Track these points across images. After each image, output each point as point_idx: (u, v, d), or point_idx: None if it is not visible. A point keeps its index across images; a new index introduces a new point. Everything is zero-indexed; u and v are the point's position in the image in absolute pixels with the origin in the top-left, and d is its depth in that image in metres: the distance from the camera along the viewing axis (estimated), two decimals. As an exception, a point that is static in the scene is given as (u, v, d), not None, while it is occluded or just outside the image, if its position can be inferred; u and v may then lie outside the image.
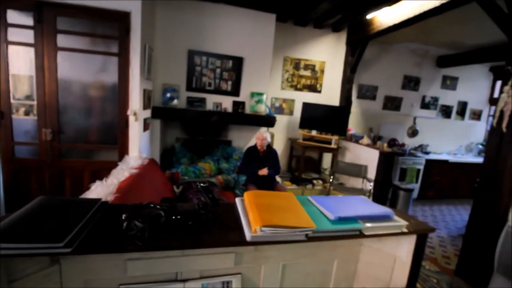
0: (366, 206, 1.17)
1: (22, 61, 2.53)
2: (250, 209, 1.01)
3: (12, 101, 2.55)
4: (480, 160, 5.18)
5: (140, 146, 2.86)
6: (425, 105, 5.36)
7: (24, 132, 2.65)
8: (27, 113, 2.62)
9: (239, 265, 1.03)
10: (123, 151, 2.80)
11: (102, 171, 2.75)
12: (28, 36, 2.48)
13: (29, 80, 2.56)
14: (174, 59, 3.58)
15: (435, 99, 5.39)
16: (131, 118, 2.74)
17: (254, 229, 0.89)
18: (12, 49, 2.49)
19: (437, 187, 4.96)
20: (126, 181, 1.97)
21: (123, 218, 0.88)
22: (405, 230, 1.09)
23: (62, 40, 2.55)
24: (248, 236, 0.90)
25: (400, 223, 1.09)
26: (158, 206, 0.96)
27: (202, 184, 0.98)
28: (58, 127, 2.67)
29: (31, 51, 2.51)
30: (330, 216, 1.04)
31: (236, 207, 1.12)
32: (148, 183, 2.25)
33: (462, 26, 3.77)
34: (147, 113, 3.22)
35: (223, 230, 0.94)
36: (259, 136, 3.16)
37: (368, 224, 1.03)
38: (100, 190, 1.72)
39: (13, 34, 2.47)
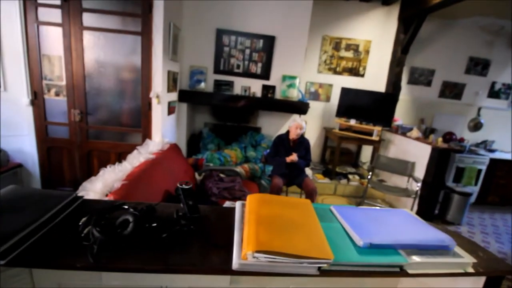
0: (412, 228, 0.84)
1: (52, 41, 2.55)
2: (248, 222, 0.77)
3: (44, 81, 2.61)
4: None
5: (163, 130, 2.77)
6: (493, 94, 4.47)
7: (56, 112, 2.71)
8: (57, 94, 2.66)
9: (237, 284, 0.81)
10: (146, 135, 2.74)
11: (127, 154, 2.74)
12: (57, 15, 2.47)
13: (59, 60, 2.58)
14: (202, 40, 3.39)
15: (508, 87, 4.46)
16: (154, 101, 2.64)
17: (244, 254, 0.65)
18: (42, 29, 2.51)
19: (502, 191, 4.16)
20: (139, 167, 1.86)
21: (81, 223, 0.71)
22: (470, 270, 0.76)
23: (87, 19, 2.50)
24: (235, 262, 0.66)
25: (464, 259, 0.76)
26: (131, 210, 0.77)
27: (184, 186, 0.75)
28: (86, 108, 2.68)
29: (60, 31, 2.51)
30: (358, 241, 0.75)
31: (235, 214, 0.89)
32: (164, 170, 2.13)
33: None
34: (173, 96, 3.11)
35: (207, 248, 0.71)
36: (296, 125, 2.86)
37: (415, 258, 0.72)
38: (108, 176, 1.62)
39: (43, 14, 2.48)
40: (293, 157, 2.83)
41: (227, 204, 2.42)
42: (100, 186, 1.52)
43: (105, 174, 1.63)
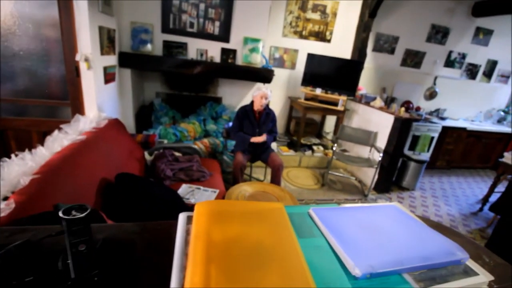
0: (412, 236, 0.65)
1: None
2: (192, 256, 0.50)
3: None
4: (499, 128, 4.64)
5: (99, 102, 2.27)
6: (449, 63, 4.59)
7: None
8: None
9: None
10: (77, 108, 2.22)
11: (54, 133, 2.23)
12: None
13: None
14: (145, -11, 2.76)
15: (463, 56, 4.60)
16: (83, 66, 2.09)
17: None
18: None
19: (448, 156, 4.50)
20: (61, 153, 1.44)
21: None
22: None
23: None
24: None
25: (480, 277, 0.59)
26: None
27: (73, 214, 0.43)
28: (-12, 75, 2.04)
29: None
30: (353, 270, 0.53)
31: (175, 234, 0.60)
32: (100, 152, 1.73)
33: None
34: (111, 60, 2.55)
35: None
36: (261, 94, 2.56)
37: (428, 290, 0.53)
38: (12, 169, 1.19)
39: None
40: (261, 138, 2.60)
41: (183, 187, 2.13)
42: (-4, 184, 1.11)
43: (6, 167, 1.19)
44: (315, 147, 3.95)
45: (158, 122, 3.26)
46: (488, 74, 4.89)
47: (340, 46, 3.96)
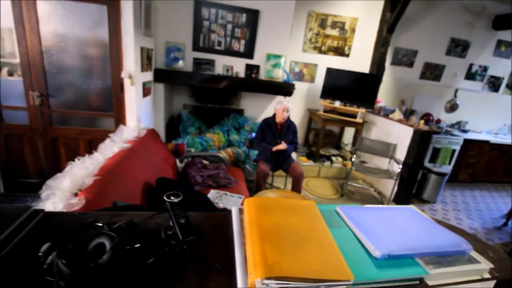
0: (424, 231, 0.78)
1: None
2: (249, 236, 0.66)
3: (-8, 58, 2.23)
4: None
5: (138, 114, 2.53)
6: (470, 75, 4.58)
7: (11, 94, 2.36)
8: (10, 73, 2.31)
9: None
10: (120, 119, 2.49)
11: (98, 141, 2.49)
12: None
13: (8, 34, 2.20)
14: (178, 12, 3.06)
15: (484, 69, 4.58)
16: (126, 82, 2.37)
17: (252, 282, 0.54)
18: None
19: (471, 169, 4.42)
20: (113, 159, 1.67)
21: (42, 251, 0.56)
22: (487, 275, 0.71)
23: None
24: (241, 291, 0.55)
25: (481, 265, 0.71)
26: (106, 228, 0.62)
27: (172, 199, 0.61)
28: (46, 90, 2.36)
29: (7, -2, 2.11)
30: (374, 252, 0.67)
31: (231, 222, 0.77)
32: (143, 159, 1.95)
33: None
34: (148, 76, 2.83)
35: (204, 273, 0.59)
36: (283, 107, 2.75)
37: (436, 270, 0.66)
38: (77, 171, 1.42)
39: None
40: (282, 146, 2.76)
41: (212, 193, 2.31)
42: (67, 183, 1.33)
43: (73, 169, 1.42)
44: (333, 158, 4.05)
45: (185, 132, 3.51)
46: (512, 87, 4.82)
47: (359, 60, 4.09)
